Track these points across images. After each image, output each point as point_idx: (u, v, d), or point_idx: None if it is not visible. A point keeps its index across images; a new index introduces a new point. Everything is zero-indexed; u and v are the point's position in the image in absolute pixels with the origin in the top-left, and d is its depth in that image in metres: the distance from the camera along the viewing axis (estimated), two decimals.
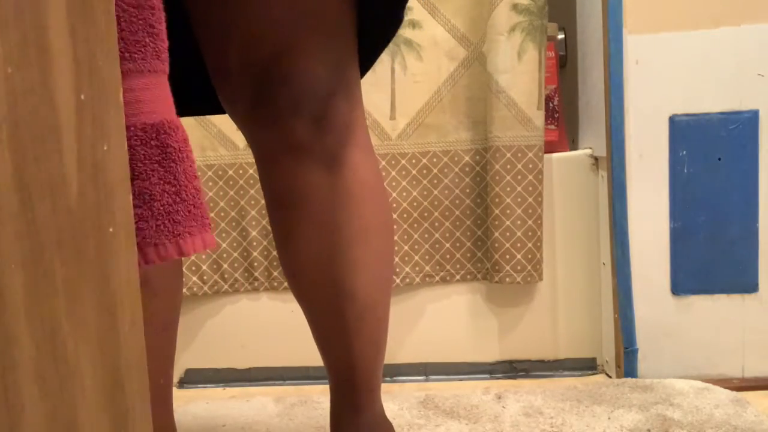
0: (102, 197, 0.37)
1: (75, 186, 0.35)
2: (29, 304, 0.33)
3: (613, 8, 1.29)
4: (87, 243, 0.36)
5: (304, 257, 0.79)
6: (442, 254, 1.45)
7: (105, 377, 0.38)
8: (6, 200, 0.31)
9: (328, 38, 0.72)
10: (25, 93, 0.32)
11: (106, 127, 0.37)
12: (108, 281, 0.38)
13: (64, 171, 0.35)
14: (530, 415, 1.19)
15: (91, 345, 0.37)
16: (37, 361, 0.33)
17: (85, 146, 0.36)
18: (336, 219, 0.77)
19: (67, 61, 0.35)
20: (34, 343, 0.33)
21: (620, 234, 1.33)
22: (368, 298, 0.80)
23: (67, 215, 0.35)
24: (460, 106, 1.42)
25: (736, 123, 1.29)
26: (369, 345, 0.83)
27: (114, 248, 0.38)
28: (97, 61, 0.37)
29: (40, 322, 0.33)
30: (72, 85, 0.35)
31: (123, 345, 0.39)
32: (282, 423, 1.23)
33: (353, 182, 0.77)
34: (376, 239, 0.80)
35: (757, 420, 1.11)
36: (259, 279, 1.47)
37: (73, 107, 0.35)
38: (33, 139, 0.33)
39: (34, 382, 0.33)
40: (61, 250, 0.34)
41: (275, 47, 0.70)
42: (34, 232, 0.33)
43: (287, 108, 0.72)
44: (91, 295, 0.36)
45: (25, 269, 0.32)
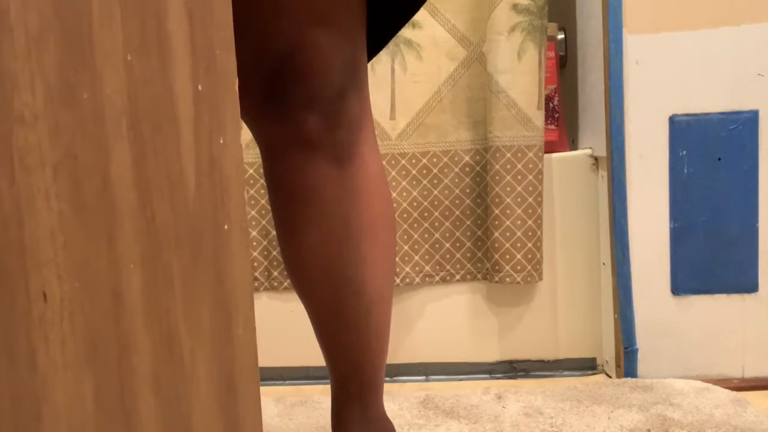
0: (218, 193, 0.35)
1: (192, 181, 0.33)
2: (147, 306, 0.31)
3: (613, 8, 1.29)
4: (203, 241, 0.34)
5: (311, 252, 0.79)
6: (442, 254, 1.45)
7: (220, 381, 0.36)
8: (125, 197, 0.29)
9: (340, 35, 0.72)
10: (144, 82, 0.30)
11: (222, 120, 0.36)
12: (223, 281, 0.36)
13: (182, 166, 0.33)
14: (530, 415, 1.19)
15: (207, 348, 0.35)
16: (155, 366, 0.31)
17: (203, 140, 0.34)
18: (345, 213, 0.77)
19: (185, 50, 0.33)
20: (152, 347, 0.31)
21: (620, 234, 1.33)
22: (375, 293, 0.80)
23: (185, 212, 0.33)
24: (460, 106, 1.42)
25: (736, 123, 1.30)
26: (375, 340, 0.83)
27: (229, 246, 0.36)
28: (214, 50, 0.35)
29: (158, 325, 0.31)
30: (190, 75, 0.33)
31: (237, 348, 0.37)
32: (282, 423, 1.23)
33: (362, 177, 0.77)
34: (382, 233, 0.81)
35: (757, 420, 1.11)
36: (259, 279, 1.46)
37: (191, 98, 0.33)
38: (152, 131, 0.31)
39: (152, 388, 0.31)
40: (178, 249, 0.33)
41: (289, 44, 0.70)
42: (153, 230, 0.31)
43: (300, 103, 0.72)
44: (207, 296, 0.35)
45: (144, 269, 0.30)
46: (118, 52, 0.28)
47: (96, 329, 0.27)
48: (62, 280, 0.24)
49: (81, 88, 0.26)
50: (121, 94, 0.29)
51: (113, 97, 0.28)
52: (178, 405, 0.33)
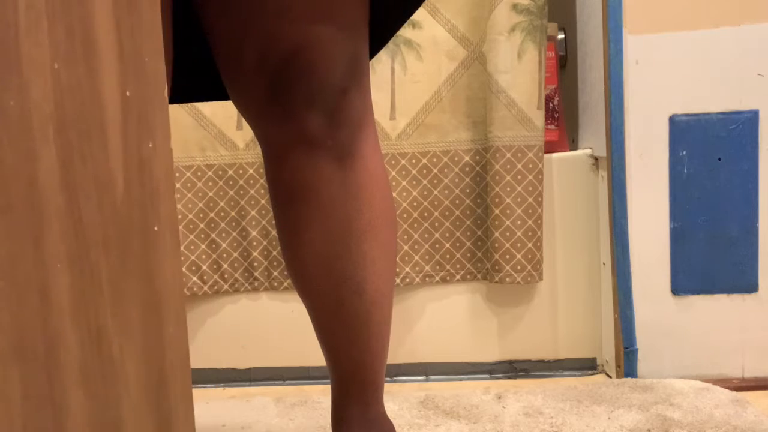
0: (147, 196, 0.36)
1: (121, 184, 0.34)
2: (75, 304, 0.32)
3: (613, 8, 1.29)
4: (132, 242, 0.35)
5: (312, 250, 0.79)
6: (442, 254, 1.45)
7: (149, 377, 0.37)
8: (52, 199, 0.30)
9: (344, 34, 0.73)
10: (71, 89, 0.31)
11: (151, 124, 0.37)
12: (153, 281, 0.37)
13: (111, 169, 0.34)
14: (530, 415, 1.19)
15: (136, 345, 0.36)
16: (83, 361, 0.32)
17: (131, 144, 0.35)
18: (347, 212, 0.78)
19: (113, 57, 0.34)
20: (80, 344, 0.32)
21: (620, 234, 1.33)
22: (376, 292, 0.81)
23: (113, 214, 0.34)
24: (460, 106, 1.42)
25: (736, 123, 1.29)
26: (376, 339, 0.83)
27: (159, 247, 0.37)
28: (143, 57, 0.36)
29: (86, 323, 0.32)
30: (118, 81, 0.34)
31: (167, 345, 0.38)
32: (282, 423, 1.23)
33: (364, 175, 0.78)
34: (383, 232, 0.81)
35: (757, 420, 1.11)
36: (259, 279, 1.47)
37: (119, 104, 0.34)
38: (80, 136, 0.32)
39: (80, 382, 0.32)
40: (106, 250, 0.34)
41: (293, 43, 0.71)
42: (80, 232, 0.32)
43: (302, 102, 0.73)
44: (136, 294, 0.36)
45: (71, 269, 0.31)
46: (45, 60, 0.29)
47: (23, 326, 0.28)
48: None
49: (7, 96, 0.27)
50: (48, 101, 0.30)
51: (40, 103, 0.29)
52: (107, 400, 0.34)
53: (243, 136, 1.44)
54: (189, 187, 1.45)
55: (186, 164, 1.45)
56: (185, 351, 0.40)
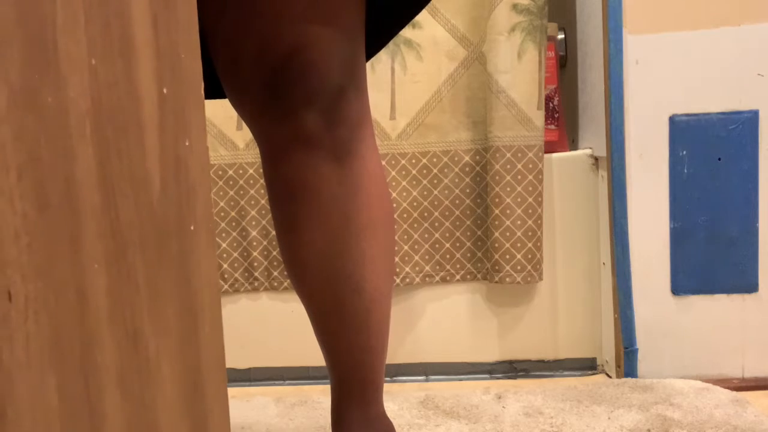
0: (184, 194, 0.36)
1: (157, 183, 0.34)
2: (112, 305, 0.31)
3: (613, 8, 1.29)
4: (169, 242, 0.35)
5: (310, 250, 0.79)
6: (442, 254, 1.45)
7: (186, 380, 0.36)
8: (89, 198, 0.30)
9: (341, 35, 0.73)
10: (109, 86, 0.31)
11: (187, 122, 0.36)
12: (189, 281, 0.36)
13: (147, 167, 0.33)
14: (530, 415, 1.19)
15: (173, 347, 0.35)
16: (119, 363, 0.32)
17: (168, 142, 0.35)
18: (344, 211, 0.78)
19: (150, 53, 0.33)
20: (117, 346, 0.31)
21: (620, 234, 1.33)
22: (375, 291, 0.81)
23: (150, 213, 0.33)
24: (460, 106, 1.42)
25: (736, 123, 1.29)
26: (375, 338, 0.83)
27: (195, 247, 0.37)
28: (179, 53, 0.35)
29: (123, 324, 0.32)
30: (155, 78, 0.34)
31: (203, 347, 0.38)
32: (282, 423, 1.23)
33: (362, 174, 0.78)
34: (382, 231, 0.81)
35: (757, 420, 1.11)
36: (259, 279, 1.47)
37: (156, 101, 0.34)
38: (116, 134, 0.31)
39: (117, 385, 0.31)
40: (143, 249, 0.33)
41: (291, 43, 0.71)
42: (117, 231, 0.31)
43: (300, 102, 0.73)
44: (172, 295, 0.35)
45: (108, 269, 0.31)
46: (83, 57, 0.29)
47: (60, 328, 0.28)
48: (26, 279, 0.25)
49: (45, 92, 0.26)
50: (85, 98, 0.29)
51: (77, 100, 0.28)
52: (143, 402, 0.33)
53: (243, 136, 1.44)
54: None
55: None
56: (221, 351, 0.39)
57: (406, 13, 0.83)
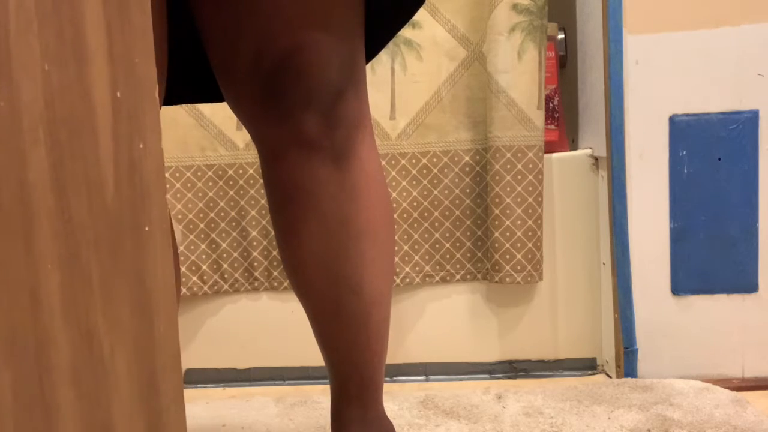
0: (138, 196, 0.37)
1: (111, 184, 0.35)
2: (65, 305, 0.32)
3: (613, 8, 1.29)
4: (123, 242, 0.36)
5: (309, 251, 0.79)
6: (442, 254, 1.45)
7: (140, 378, 0.37)
8: (43, 199, 0.30)
9: (339, 35, 0.72)
10: (62, 90, 0.32)
11: (142, 125, 0.37)
12: (144, 281, 0.37)
13: (101, 169, 0.34)
14: (530, 415, 1.19)
15: (127, 346, 0.36)
16: (74, 362, 0.32)
17: (122, 144, 0.35)
18: (344, 212, 0.77)
19: (103, 58, 0.34)
20: (71, 344, 0.32)
21: (620, 234, 1.33)
22: (374, 292, 0.81)
23: (104, 214, 0.34)
24: (460, 106, 1.42)
25: (736, 123, 1.29)
26: (375, 340, 0.83)
27: (150, 247, 0.38)
28: (133, 58, 0.36)
29: (77, 323, 0.33)
30: (108, 83, 0.34)
31: (158, 346, 0.38)
32: (282, 423, 1.23)
33: (361, 176, 0.77)
34: (381, 233, 0.81)
35: (757, 420, 1.11)
36: (259, 279, 1.47)
37: (110, 105, 0.35)
38: (70, 137, 0.32)
39: (71, 383, 0.32)
40: (97, 250, 0.34)
41: (288, 44, 0.71)
42: (71, 232, 0.32)
43: (298, 104, 0.72)
44: (127, 295, 0.36)
45: (62, 269, 0.32)
46: (36, 62, 0.30)
47: (14, 326, 0.28)
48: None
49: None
50: (38, 102, 0.30)
51: (30, 105, 0.29)
52: (98, 399, 0.34)
53: (243, 136, 1.43)
54: (189, 187, 1.45)
55: (186, 164, 1.45)
56: (176, 351, 0.40)
57: (404, 12, 0.82)
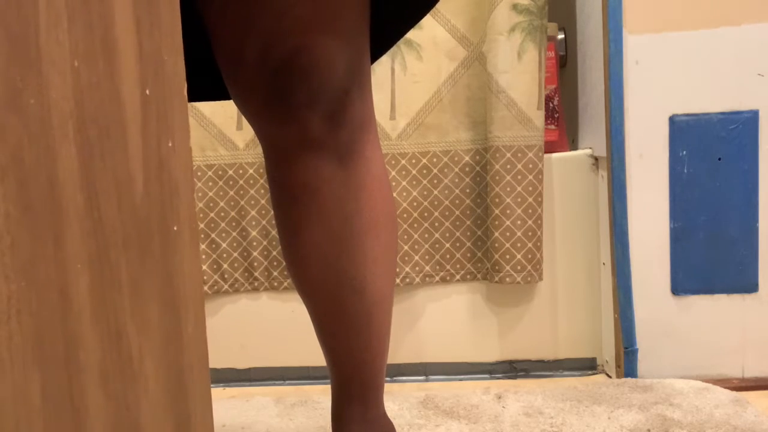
0: (167, 195, 0.36)
1: (140, 183, 0.34)
2: (95, 305, 0.32)
3: (613, 8, 1.29)
4: (152, 242, 0.35)
5: (313, 250, 0.79)
6: (442, 254, 1.45)
7: (169, 379, 0.37)
8: (72, 199, 0.30)
9: (345, 36, 0.72)
10: (91, 88, 0.31)
11: (170, 123, 0.37)
12: (172, 281, 0.37)
13: (130, 168, 0.34)
14: (530, 415, 1.19)
15: (156, 346, 0.36)
16: (103, 363, 0.32)
17: (151, 143, 0.35)
18: (347, 212, 0.77)
19: (133, 55, 0.34)
20: (100, 345, 0.32)
21: (620, 234, 1.33)
22: (377, 292, 0.81)
23: (132, 214, 0.34)
24: (460, 106, 1.42)
25: (736, 123, 1.29)
26: (376, 339, 0.83)
27: (178, 247, 0.37)
28: (162, 55, 0.36)
29: (106, 323, 0.32)
30: (138, 80, 0.34)
31: (186, 346, 0.38)
32: (282, 423, 1.23)
33: (365, 176, 0.78)
34: (384, 232, 0.81)
35: (757, 420, 1.11)
36: (259, 279, 1.47)
37: (139, 102, 0.34)
38: (99, 135, 0.32)
39: (99, 385, 0.32)
40: (126, 250, 0.33)
41: (295, 44, 0.71)
42: (100, 231, 0.32)
43: (303, 103, 0.72)
44: (155, 295, 0.36)
45: (91, 269, 0.31)
46: (65, 59, 0.29)
47: (43, 327, 0.28)
48: (9, 279, 0.25)
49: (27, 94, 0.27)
50: (67, 99, 0.29)
51: (60, 102, 0.29)
52: (126, 400, 0.33)
53: (243, 136, 1.44)
54: None
55: None
56: (204, 351, 0.40)
57: (411, 15, 0.83)
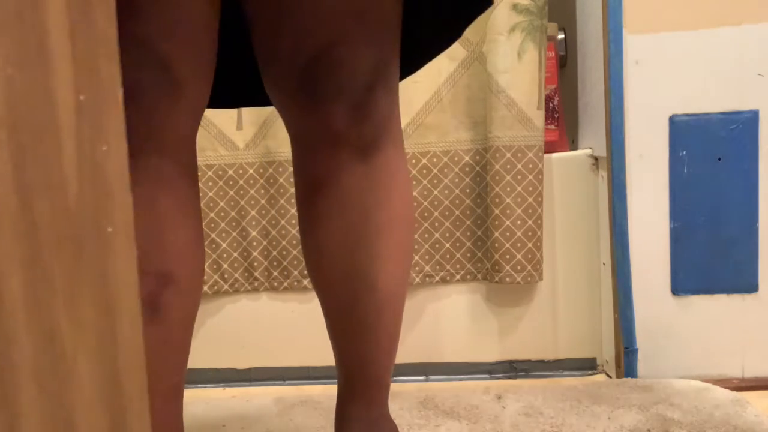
0: (101, 197, 0.38)
1: (74, 186, 0.36)
2: (28, 305, 0.33)
3: (613, 8, 1.29)
4: (86, 243, 0.37)
5: (330, 242, 0.80)
6: (442, 254, 1.45)
7: (103, 378, 0.38)
8: (5, 201, 0.32)
9: (374, 33, 0.74)
10: (24, 94, 0.33)
11: (105, 128, 0.38)
12: (107, 281, 0.38)
13: (63, 172, 0.35)
14: (530, 415, 1.19)
15: (90, 346, 0.37)
16: (36, 361, 0.34)
17: (84, 147, 0.37)
18: (365, 206, 0.78)
19: (66, 62, 0.35)
20: (33, 344, 0.33)
21: (620, 234, 1.33)
22: (389, 290, 0.81)
23: (66, 215, 0.35)
24: (460, 106, 1.42)
25: (736, 123, 1.29)
26: (386, 338, 0.84)
27: (113, 248, 0.39)
28: (97, 62, 0.37)
29: (39, 323, 0.34)
30: (72, 86, 0.36)
31: (121, 345, 0.39)
32: (282, 423, 1.23)
33: (385, 173, 0.78)
34: (400, 231, 0.81)
35: (757, 420, 1.11)
36: (259, 279, 1.47)
37: (73, 108, 0.36)
38: (33, 140, 0.33)
39: (33, 381, 0.33)
40: (60, 251, 0.35)
41: (324, 38, 0.72)
42: (33, 233, 0.33)
43: (329, 96, 0.73)
44: (89, 295, 0.37)
45: (24, 270, 0.33)
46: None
47: None
48: None
49: None
50: (1, 105, 0.31)
51: None
52: (61, 398, 0.35)
53: (243, 136, 1.43)
54: None
55: None
56: (140, 351, 0.41)
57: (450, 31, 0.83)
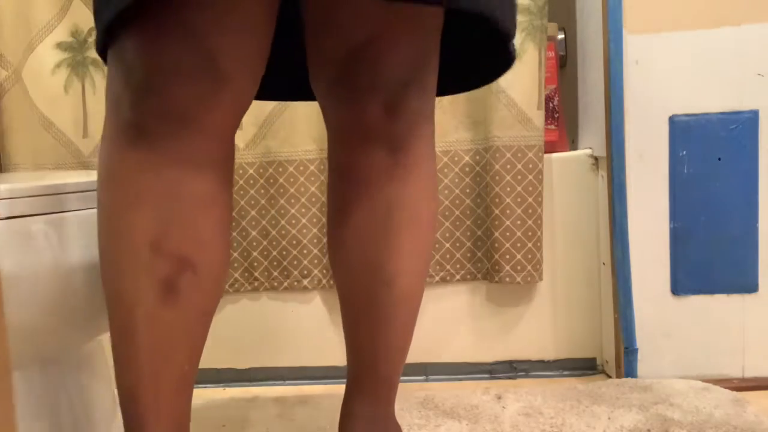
0: None
1: None
2: None
3: (613, 8, 1.29)
4: None
5: (352, 234, 0.82)
6: (442, 254, 1.45)
7: None
8: None
9: (412, 31, 0.74)
10: None
11: None
12: None
13: None
14: (530, 415, 1.19)
15: None
16: None
17: None
18: (390, 201, 0.79)
19: None
20: None
21: (620, 234, 1.33)
22: (405, 287, 0.82)
23: None
24: (460, 106, 1.42)
25: (736, 123, 1.29)
26: (398, 336, 0.84)
27: None
28: None
29: None
30: None
31: None
32: (282, 423, 1.23)
33: (413, 171, 0.79)
34: (421, 230, 0.82)
35: (757, 420, 1.11)
36: (259, 279, 1.47)
37: None
38: None
39: None
40: None
41: (364, 34, 0.73)
42: None
43: (363, 91, 0.75)
44: None
45: None
46: None
47: None
48: None
49: None
50: None
51: None
52: None
53: (243, 136, 1.43)
54: None
55: None
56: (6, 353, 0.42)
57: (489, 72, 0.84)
